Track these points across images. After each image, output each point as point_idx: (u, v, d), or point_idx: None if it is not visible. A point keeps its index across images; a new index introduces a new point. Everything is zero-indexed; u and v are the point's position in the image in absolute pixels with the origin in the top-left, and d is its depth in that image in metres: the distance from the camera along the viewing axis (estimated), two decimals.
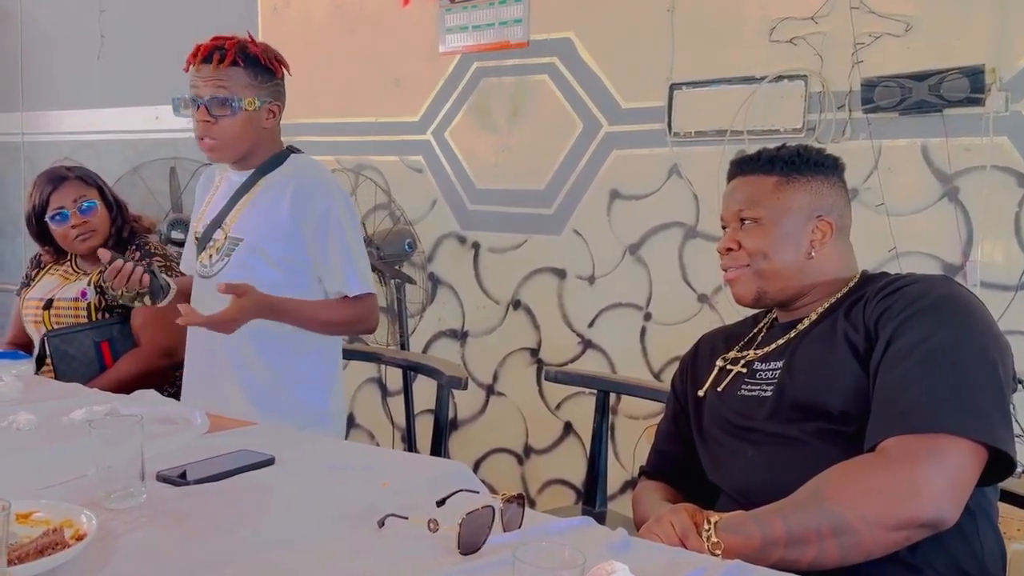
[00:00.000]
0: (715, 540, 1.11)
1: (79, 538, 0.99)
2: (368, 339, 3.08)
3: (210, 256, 1.90)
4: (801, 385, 1.24)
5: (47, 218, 2.29)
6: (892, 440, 1.11)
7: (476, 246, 3.03)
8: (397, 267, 2.97)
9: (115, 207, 2.35)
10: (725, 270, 1.35)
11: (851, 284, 1.32)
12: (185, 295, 1.93)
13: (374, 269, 2.92)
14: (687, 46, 2.53)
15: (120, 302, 1.89)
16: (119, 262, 1.76)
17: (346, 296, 1.86)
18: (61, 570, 0.94)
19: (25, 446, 1.42)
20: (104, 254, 1.78)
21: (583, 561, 0.81)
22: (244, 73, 1.83)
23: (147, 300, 1.84)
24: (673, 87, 2.55)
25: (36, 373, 2.12)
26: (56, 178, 2.31)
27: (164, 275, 1.88)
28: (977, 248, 2.16)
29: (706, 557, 1.08)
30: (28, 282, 2.40)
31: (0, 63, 4.69)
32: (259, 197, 1.88)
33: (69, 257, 2.39)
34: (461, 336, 3.10)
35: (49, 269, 2.39)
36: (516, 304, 2.95)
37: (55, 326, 2.24)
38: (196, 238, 1.95)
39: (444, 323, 3.13)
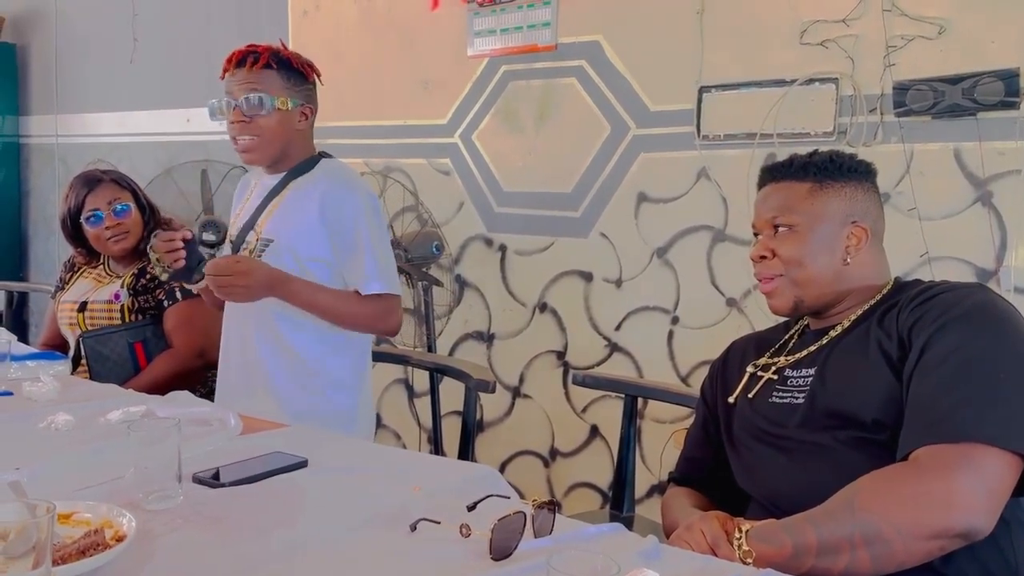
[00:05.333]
0: (746, 548, 1.11)
1: (119, 539, 1.01)
2: (395, 341, 3.10)
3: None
4: (833, 393, 1.24)
5: (82, 219, 2.34)
6: (925, 449, 1.10)
7: (503, 248, 3.04)
8: (424, 269, 2.99)
9: (148, 210, 2.40)
10: (760, 280, 1.35)
11: (884, 291, 1.31)
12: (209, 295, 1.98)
13: (401, 271, 2.94)
14: (716, 48, 2.52)
15: (156, 271, 1.92)
16: (176, 236, 1.82)
17: (367, 294, 1.87)
18: (102, 570, 0.96)
19: (64, 447, 1.44)
20: (186, 234, 1.84)
21: (617, 570, 0.81)
22: (277, 75, 1.88)
23: (166, 275, 1.89)
24: (702, 90, 2.54)
25: (72, 374, 2.16)
26: (91, 180, 2.36)
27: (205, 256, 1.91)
28: (1011, 253, 2.13)
29: (737, 566, 1.08)
30: (62, 285, 2.45)
31: (35, 66, 4.78)
32: (289, 199, 1.92)
33: (102, 260, 2.43)
34: (487, 338, 3.10)
35: (83, 272, 2.44)
36: (543, 307, 2.96)
37: (90, 328, 2.28)
38: (230, 242, 1.98)
39: (470, 325, 3.14)
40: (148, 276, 2.32)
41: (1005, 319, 1.18)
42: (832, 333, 1.31)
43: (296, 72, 1.91)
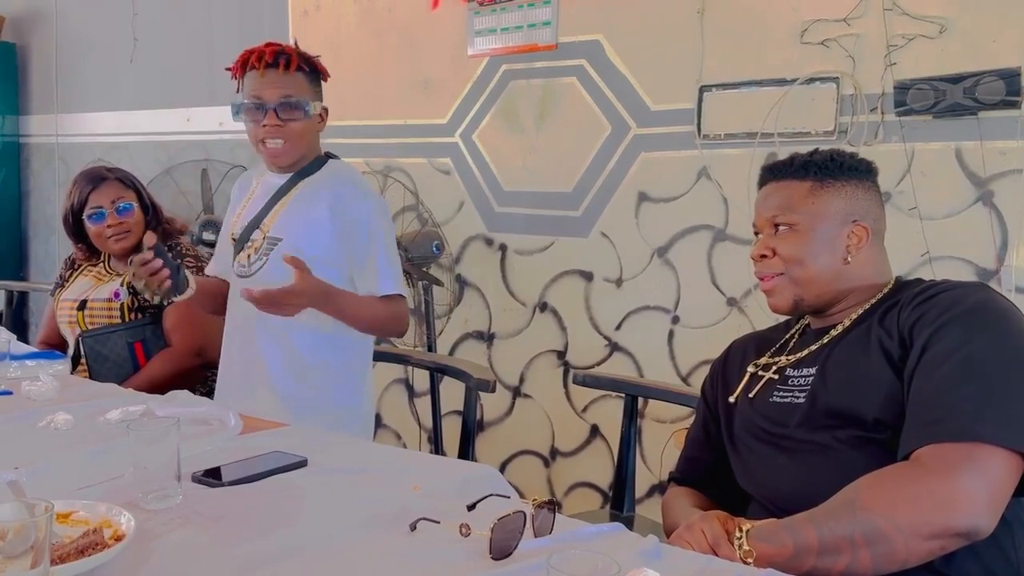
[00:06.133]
0: (747, 548, 1.10)
1: (118, 538, 1.01)
2: (395, 340, 3.09)
3: (248, 256, 1.93)
4: (834, 392, 1.24)
5: (84, 216, 2.34)
6: (927, 448, 1.10)
7: (503, 248, 3.04)
8: (425, 269, 2.98)
9: (151, 210, 2.41)
10: (760, 278, 1.34)
11: (885, 290, 1.31)
12: (205, 295, 1.97)
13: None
14: (717, 48, 2.52)
15: (137, 288, 1.82)
16: (152, 259, 1.72)
17: (378, 297, 1.87)
18: (101, 570, 0.96)
19: (63, 446, 1.44)
20: (149, 238, 1.73)
21: (617, 570, 0.81)
22: (306, 78, 1.89)
23: (157, 298, 1.82)
24: (703, 89, 2.54)
25: (71, 373, 2.16)
26: (96, 178, 2.37)
27: (187, 272, 1.88)
28: (1012, 253, 2.13)
29: (738, 565, 1.07)
30: (62, 283, 2.45)
31: (35, 66, 4.78)
32: (297, 199, 1.91)
33: (102, 258, 2.43)
34: (488, 338, 3.10)
35: (83, 270, 2.44)
36: (543, 306, 2.96)
37: (89, 327, 2.28)
38: (233, 239, 1.98)
39: (471, 325, 3.14)
40: None
41: (1006, 318, 1.17)
42: (833, 332, 1.31)
43: (318, 74, 1.93)
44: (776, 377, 1.34)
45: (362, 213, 1.87)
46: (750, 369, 1.38)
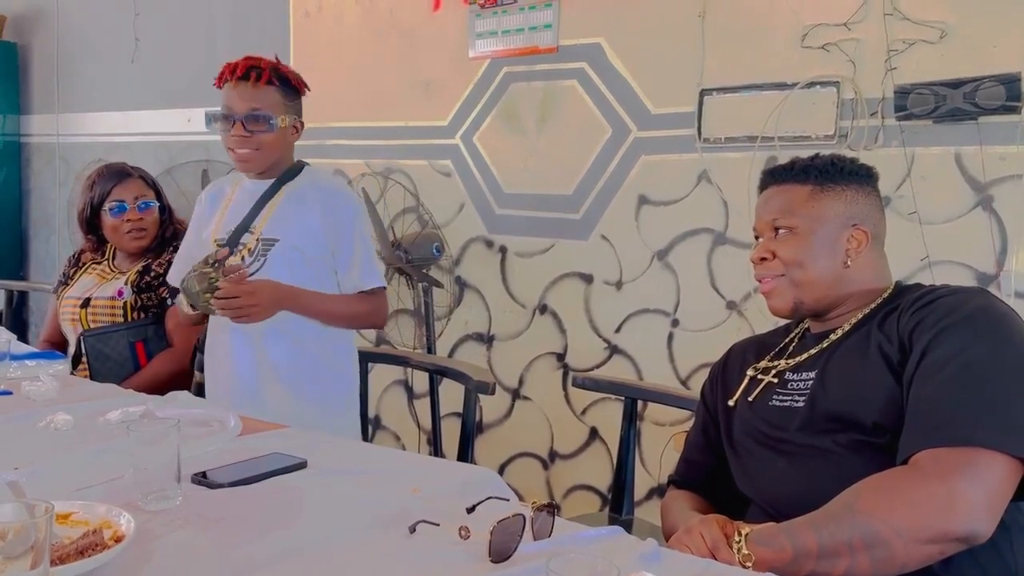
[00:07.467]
0: (746, 552, 1.10)
1: (118, 539, 1.01)
2: (395, 342, 3.10)
3: (242, 258, 1.97)
4: (834, 396, 1.24)
5: (104, 208, 2.36)
6: (926, 453, 1.10)
7: (503, 250, 3.04)
8: (424, 270, 2.98)
9: (166, 210, 2.46)
10: (760, 280, 1.35)
11: (885, 295, 1.31)
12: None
13: (401, 272, 2.94)
14: (718, 52, 2.52)
15: (194, 299, 1.87)
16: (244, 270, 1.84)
17: (361, 291, 2.01)
18: (101, 571, 0.96)
19: (63, 446, 1.44)
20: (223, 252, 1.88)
21: (616, 573, 0.81)
22: (277, 92, 1.97)
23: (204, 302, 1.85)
24: (703, 93, 2.54)
25: (72, 373, 2.16)
26: (122, 173, 2.42)
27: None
28: (1011, 258, 2.13)
29: (737, 569, 1.08)
30: (66, 281, 2.45)
31: (37, 65, 4.78)
32: (285, 203, 2.00)
33: (107, 256, 2.44)
34: (487, 340, 3.10)
35: (87, 269, 2.44)
36: (543, 308, 2.96)
37: (92, 325, 2.29)
38: (218, 244, 2.00)
39: (471, 327, 3.14)
40: (152, 274, 2.33)
41: (1005, 323, 1.17)
42: (832, 336, 1.31)
43: (292, 88, 2.00)
44: (776, 381, 1.34)
45: (347, 214, 2.01)
46: (749, 373, 1.39)
